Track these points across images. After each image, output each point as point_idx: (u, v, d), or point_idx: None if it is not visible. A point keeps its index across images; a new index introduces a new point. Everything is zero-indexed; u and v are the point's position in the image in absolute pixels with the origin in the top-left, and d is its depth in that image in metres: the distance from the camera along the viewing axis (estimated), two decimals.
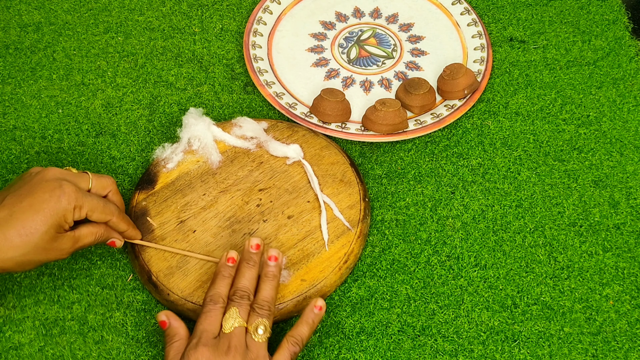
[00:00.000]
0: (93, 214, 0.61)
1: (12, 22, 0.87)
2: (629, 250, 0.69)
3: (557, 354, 0.63)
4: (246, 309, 0.59)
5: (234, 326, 0.58)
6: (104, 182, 0.64)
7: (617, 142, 0.77)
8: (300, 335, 0.59)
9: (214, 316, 0.59)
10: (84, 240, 0.61)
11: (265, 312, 0.59)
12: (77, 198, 0.59)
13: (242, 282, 0.61)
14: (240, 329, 0.58)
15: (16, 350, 0.63)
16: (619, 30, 0.86)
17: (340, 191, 0.71)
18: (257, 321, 0.58)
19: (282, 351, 0.58)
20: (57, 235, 0.59)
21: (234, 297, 0.60)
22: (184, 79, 0.82)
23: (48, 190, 0.58)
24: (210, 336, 0.57)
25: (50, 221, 0.58)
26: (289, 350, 0.58)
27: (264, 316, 0.59)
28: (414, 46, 0.86)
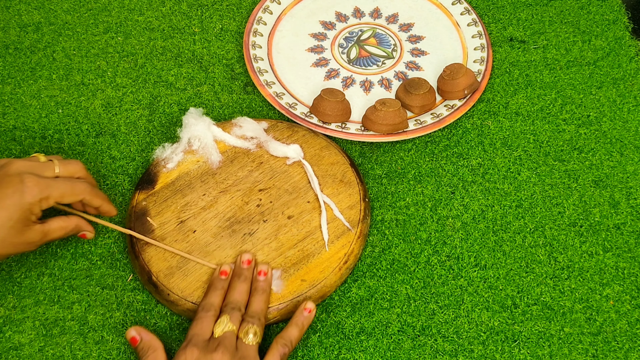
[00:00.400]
0: (63, 199, 0.61)
1: (12, 22, 0.87)
2: (629, 250, 0.69)
3: (557, 354, 0.63)
4: (237, 318, 0.60)
5: (224, 330, 0.59)
6: (72, 168, 0.63)
7: (617, 142, 0.77)
8: (289, 337, 0.60)
9: (206, 322, 0.59)
10: (53, 234, 0.62)
11: (255, 320, 0.60)
12: (41, 190, 0.59)
13: (233, 296, 0.62)
14: (231, 333, 0.59)
15: (16, 351, 0.63)
16: (619, 30, 0.86)
17: (340, 191, 0.71)
18: (248, 327, 0.59)
19: (272, 352, 0.59)
20: (25, 228, 0.59)
21: (226, 308, 0.61)
22: (184, 79, 0.82)
23: (11, 186, 0.58)
24: (200, 339, 0.58)
25: (16, 216, 0.58)
26: (279, 351, 0.59)
27: (254, 324, 0.60)
28: (414, 46, 0.86)
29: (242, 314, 0.61)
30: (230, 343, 0.58)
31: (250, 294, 0.63)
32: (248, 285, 0.63)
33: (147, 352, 0.59)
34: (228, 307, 0.61)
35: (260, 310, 0.61)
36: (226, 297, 0.62)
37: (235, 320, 0.59)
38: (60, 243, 0.69)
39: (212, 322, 0.60)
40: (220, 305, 0.61)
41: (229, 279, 0.64)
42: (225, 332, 0.58)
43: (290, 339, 0.60)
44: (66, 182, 0.61)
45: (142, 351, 0.59)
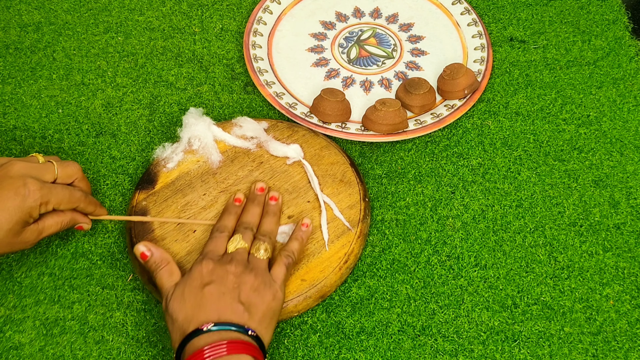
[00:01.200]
0: (60, 206, 0.62)
1: (12, 22, 0.87)
2: (629, 250, 0.69)
3: (558, 354, 0.63)
4: (249, 237, 0.64)
5: (237, 247, 0.63)
6: (70, 170, 0.65)
7: (617, 142, 0.77)
8: (291, 249, 0.65)
9: (220, 241, 0.64)
10: (48, 230, 0.62)
11: (266, 238, 0.64)
12: (43, 195, 0.60)
13: (246, 217, 0.67)
14: (243, 249, 0.63)
15: (16, 350, 0.63)
16: (619, 30, 0.86)
17: (340, 191, 0.71)
18: (259, 244, 0.63)
19: (278, 263, 0.63)
20: (22, 229, 0.60)
21: (239, 228, 0.65)
22: (184, 79, 0.82)
23: (13, 189, 0.59)
24: (214, 254, 0.62)
25: (15, 219, 0.58)
26: (284, 262, 0.63)
27: (265, 241, 0.64)
28: (414, 46, 0.86)
29: (254, 233, 0.65)
30: (242, 257, 0.62)
31: (261, 216, 0.67)
32: (260, 209, 0.68)
33: (160, 264, 0.62)
34: (241, 227, 0.65)
35: (270, 230, 0.66)
36: (240, 219, 0.67)
37: (247, 239, 0.64)
38: (61, 243, 0.69)
39: (225, 241, 0.64)
40: (233, 228, 0.66)
41: (242, 206, 0.68)
42: (237, 248, 0.63)
43: (292, 251, 0.64)
44: (65, 190, 0.63)
45: (155, 264, 0.62)
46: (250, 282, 0.59)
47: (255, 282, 0.60)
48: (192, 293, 0.58)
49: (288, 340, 0.64)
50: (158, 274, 0.62)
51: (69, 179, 0.65)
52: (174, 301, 0.58)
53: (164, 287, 0.61)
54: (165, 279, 0.61)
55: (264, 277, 0.61)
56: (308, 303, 0.65)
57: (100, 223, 0.71)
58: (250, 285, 0.59)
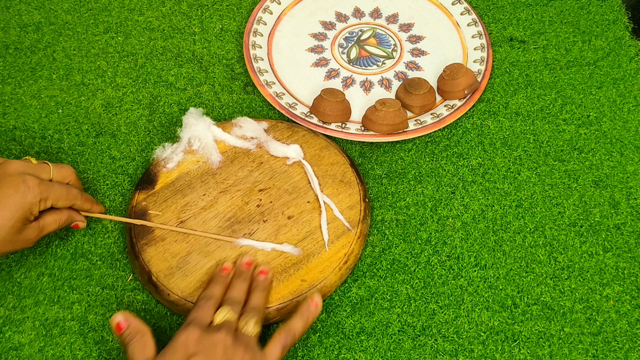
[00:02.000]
0: (58, 202, 0.63)
1: (12, 22, 0.87)
2: (629, 250, 0.69)
3: (558, 354, 0.63)
4: (237, 310, 0.60)
5: (225, 318, 0.58)
6: (64, 172, 0.66)
7: (617, 142, 0.77)
8: (293, 329, 0.59)
9: (206, 309, 0.59)
10: (48, 228, 0.63)
11: (255, 312, 0.60)
12: (42, 191, 0.61)
13: (233, 293, 0.62)
14: (231, 322, 0.58)
15: (16, 351, 0.63)
16: (619, 30, 0.86)
17: (340, 191, 0.71)
18: (248, 318, 0.59)
19: (274, 342, 0.58)
20: (23, 227, 0.60)
21: (226, 302, 0.61)
22: (184, 79, 0.82)
23: (12, 186, 0.59)
24: (201, 322, 0.58)
25: (17, 216, 0.59)
26: (281, 342, 0.58)
27: (255, 315, 0.59)
28: (414, 46, 0.86)
29: (242, 308, 0.61)
30: (229, 329, 0.57)
31: (249, 292, 0.63)
32: (247, 285, 0.63)
33: (135, 336, 0.57)
34: (228, 301, 0.61)
35: (259, 305, 0.61)
36: (226, 293, 0.62)
37: (235, 310, 0.59)
38: (60, 243, 0.69)
39: (212, 310, 0.59)
40: (221, 298, 0.61)
41: (230, 276, 0.64)
42: (225, 319, 0.58)
43: (293, 331, 0.59)
44: (62, 187, 0.64)
45: (130, 337, 0.57)
46: (240, 357, 0.55)
47: (245, 357, 0.55)
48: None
49: None
50: (130, 347, 0.57)
51: (64, 180, 0.65)
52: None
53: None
54: (137, 353, 0.56)
55: (254, 355, 0.56)
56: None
57: (100, 223, 0.71)
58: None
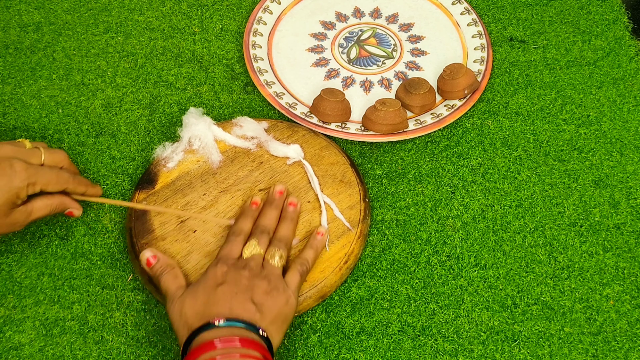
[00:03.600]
0: (48, 187, 0.63)
1: (12, 22, 0.87)
2: (629, 250, 0.69)
3: (558, 354, 0.63)
4: (265, 242, 0.64)
5: (252, 253, 0.62)
6: (57, 157, 0.65)
7: (617, 142, 0.77)
8: (306, 258, 0.64)
9: (235, 244, 0.63)
10: (37, 213, 0.63)
11: (282, 245, 0.64)
12: (29, 175, 0.61)
13: (264, 220, 0.66)
14: (258, 256, 0.62)
15: (16, 351, 0.63)
16: (619, 30, 0.86)
17: (340, 191, 0.71)
18: (274, 251, 0.63)
19: (292, 271, 0.63)
20: (10, 211, 0.60)
21: (255, 231, 0.65)
22: (184, 79, 0.82)
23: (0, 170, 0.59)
24: (229, 258, 0.62)
25: (3, 199, 0.59)
26: (299, 270, 0.63)
27: (280, 248, 0.64)
28: (414, 46, 0.86)
29: (270, 237, 0.65)
30: (256, 264, 0.61)
31: (279, 221, 0.67)
32: (278, 213, 0.67)
33: (166, 269, 0.62)
34: (257, 230, 0.65)
35: (286, 236, 0.65)
36: (256, 222, 0.66)
37: (262, 244, 0.63)
38: (61, 243, 0.69)
39: (241, 244, 0.64)
40: (249, 231, 0.65)
41: (259, 209, 0.68)
42: (252, 254, 0.62)
43: (306, 259, 0.64)
44: (52, 170, 0.63)
45: (161, 269, 0.62)
46: (264, 287, 0.59)
47: (269, 287, 0.60)
48: (205, 292, 0.59)
49: (288, 340, 0.64)
50: (163, 278, 0.62)
51: (56, 165, 0.65)
52: (186, 299, 0.59)
53: (169, 290, 0.61)
54: (170, 283, 0.61)
55: (278, 282, 0.61)
56: (308, 303, 0.65)
57: (100, 223, 0.71)
58: (263, 289, 0.59)
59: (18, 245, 0.69)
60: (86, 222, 0.71)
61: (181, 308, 0.58)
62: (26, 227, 0.67)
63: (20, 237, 0.69)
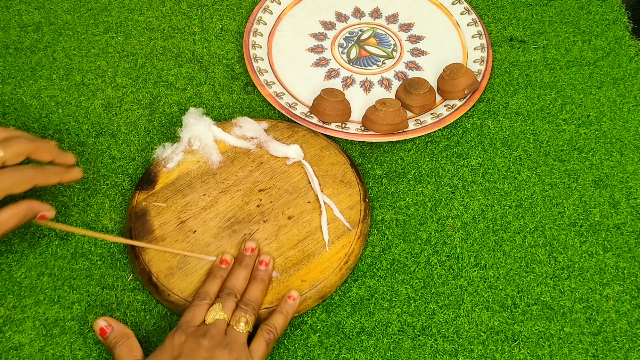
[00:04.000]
0: (14, 189, 0.58)
1: (12, 22, 0.87)
2: (629, 250, 0.69)
3: (558, 354, 0.63)
4: (231, 306, 0.60)
5: (215, 318, 0.59)
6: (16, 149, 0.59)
7: (617, 142, 0.77)
8: (274, 324, 0.61)
9: (199, 310, 0.60)
10: (5, 226, 0.58)
11: (249, 309, 0.61)
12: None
13: (231, 281, 0.63)
14: (222, 321, 0.59)
15: (16, 351, 0.63)
16: (619, 30, 0.86)
17: (340, 191, 0.71)
18: (239, 315, 0.60)
19: (258, 339, 0.59)
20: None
21: (222, 293, 0.61)
22: (184, 79, 0.82)
23: None
24: (190, 325, 0.59)
25: None
26: (265, 338, 0.59)
27: (247, 312, 0.60)
28: (414, 46, 0.86)
29: (238, 300, 0.61)
30: (218, 331, 0.58)
31: (249, 281, 0.63)
32: (248, 273, 0.64)
33: (121, 339, 0.59)
34: (224, 292, 0.61)
35: (255, 299, 0.62)
36: (225, 282, 0.63)
37: (228, 308, 0.60)
38: (60, 243, 0.69)
39: (205, 310, 0.60)
40: (216, 294, 0.62)
41: (229, 269, 0.64)
42: (216, 319, 0.59)
43: (275, 326, 0.61)
44: (11, 172, 0.58)
45: (115, 340, 0.59)
46: (224, 357, 0.56)
47: (230, 357, 0.56)
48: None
49: (288, 340, 0.64)
50: (117, 350, 0.58)
51: (18, 157, 0.60)
52: None
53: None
54: (124, 355, 0.58)
55: (240, 353, 0.57)
56: (308, 303, 0.65)
57: (100, 223, 0.71)
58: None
59: (18, 245, 0.69)
60: (86, 222, 0.71)
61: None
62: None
63: (20, 237, 0.69)
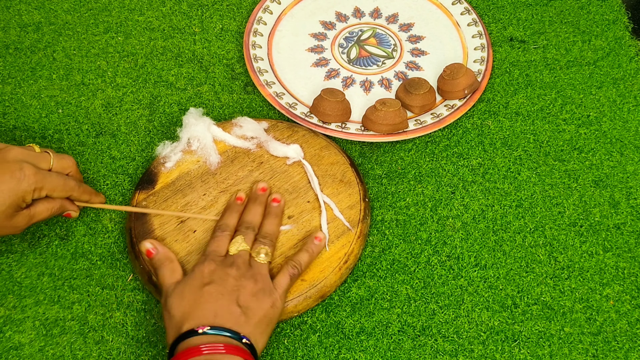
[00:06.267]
0: (54, 193, 0.63)
1: (12, 22, 0.87)
2: (629, 250, 0.69)
3: (558, 354, 0.63)
4: (251, 238, 0.64)
5: (239, 249, 0.63)
6: (65, 163, 0.66)
7: (617, 142, 0.77)
8: (299, 261, 0.64)
9: (222, 240, 0.64)
10: (39, 216, 0.63)
11: (267, 241, 0.64)
12: (37, 180, 0.61)
13: (248, 217, 0.67)
14: (245, 252, 0.63)
15: (16, 351, 0.63)
16: (619, 30, 0.86)
17: (340, 191, 0.71)
18: (260, 248, 0.63)
19: (283, 273, 0.63)
20: (14, 213, 0.61)
21: (241, 227, 0.65)
22: (184, 79, 0.82)
23: (8, 172, 0.60)
24: (217, 255, 0.63)
25: (9, 201, 0.59)
26: (289, 272, 0.63)
27: (266, 244, 0.64)
28: (414, 46, 0.86)
29: (256, 234, 0.65)
30: (243, 260, 0.62)
31: (263, 217, 0.67)
32: (262, 209, 0.68)
33: (164, 262, 0.63)
34: (242, 226, 0.65)
35: (272, 232, 0.66)
36: (241, 218, 0.67)
37: (248, 240, 0.64)
38: (61, 243, 0.69)
39: (227, 240, 0.64)
40: (235, 226, 0.66)
41: (244, 204, 0.68)
42: (239, 250, 0.63)
43: (300, 262, 0.64)
44: (59, 177, 0.64)
45: (159, 262, 0.63)
46: (250, 287, 0.60)
47: (255, 287, 0.60)
48: (191, 291, 0.59)
49: (288, 340, 0.64)
50: (160, 271, 0.62)
51: (63, 171, 0.66)
52: (174, 297, 0.59)
53: (165, 284, 0.61)
54: (167, 276, 0.62)
55: (265, 283, 0.61)
56: (308, 303, 0.65)
57: (101, 223, 0.71)
58: (249, 290, 0.59)
59: (18, 245, 0.69)
60: (86, 222, 0.71)
61: (171, 305, 0.59)
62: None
63: (20, 237, 0.69)
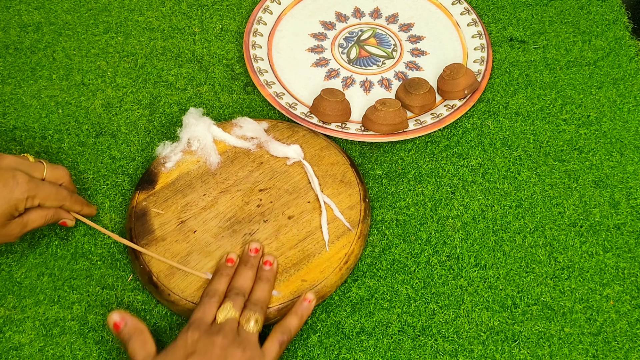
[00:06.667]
0: (46, 202, 0.63)
1: (12, 22, 0.87)
2: (629, 250, 0.69)
3: (558, 354, 0.63)
4: (240, 305, 0.61)
5: (227, 317, 0.59)
6: (58, 173, 0.65)
7: (617, 142, 0.77)
8: (288, 326, 0.61)
9: (209, 307, 0.60)
10: (32, 224, 0.63)
11: (257, 308, 0.61)
12: (30, 189, 0.61)
13: (238, 282, 0.63)
14: (233, 320, 0.60)
15: (16, 351, 0.63)
16: (619, 30, 0.86)
17: (340, 191, 0.71)
18: (249, 315, 0.60)
19: (272, 340, 0.60)
20: (7, 222, 0.61)
21: (230, 293, 0.62)
22: (184, 79, 0.82)
23: (1, 180, 0.60)
24: (203, 323, 0.59)
25: (1, 210, 0.59)
26: (278, 339, 0.60)
27: (256, 312, 0.61)
28: (414, 46, 0.86)
29: (245, 300, 0.62)
30: (231, 329, 0.59)
31: (254, 282, 0.64)
32: (253, 273, 0.64)
33: (134, 334, 0.59)
34: (232, 292, 0.62)
35: (263, 299, 0.62)
36: (231, 283, 0.63)
37: (237, 307, 0.60)
38: (61, 243, 0.69)
39: (215, 307, 0.61)
40: (224, 292, 0.62)
41: (235, 267, 0.65)
42: (227, 318, 0.59)
43: (289, 328, 0.61)
44: (52, 186, 0.64)
45: (128, 335, 0.59)
46: (238, 356, 0.56)
47: (244, 356, 0.57)
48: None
49: None
50: (130, 345, 0.58)
51: (57, 181, 0.65)
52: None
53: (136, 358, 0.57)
54: (138, 351, 0.58)
55: (253, 351, 0.58)
56: None
57: (100, 223, 0.71)
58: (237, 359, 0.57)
59: (18, 245, 0.69)
60: None
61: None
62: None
63: (20, 237, 0.69)
